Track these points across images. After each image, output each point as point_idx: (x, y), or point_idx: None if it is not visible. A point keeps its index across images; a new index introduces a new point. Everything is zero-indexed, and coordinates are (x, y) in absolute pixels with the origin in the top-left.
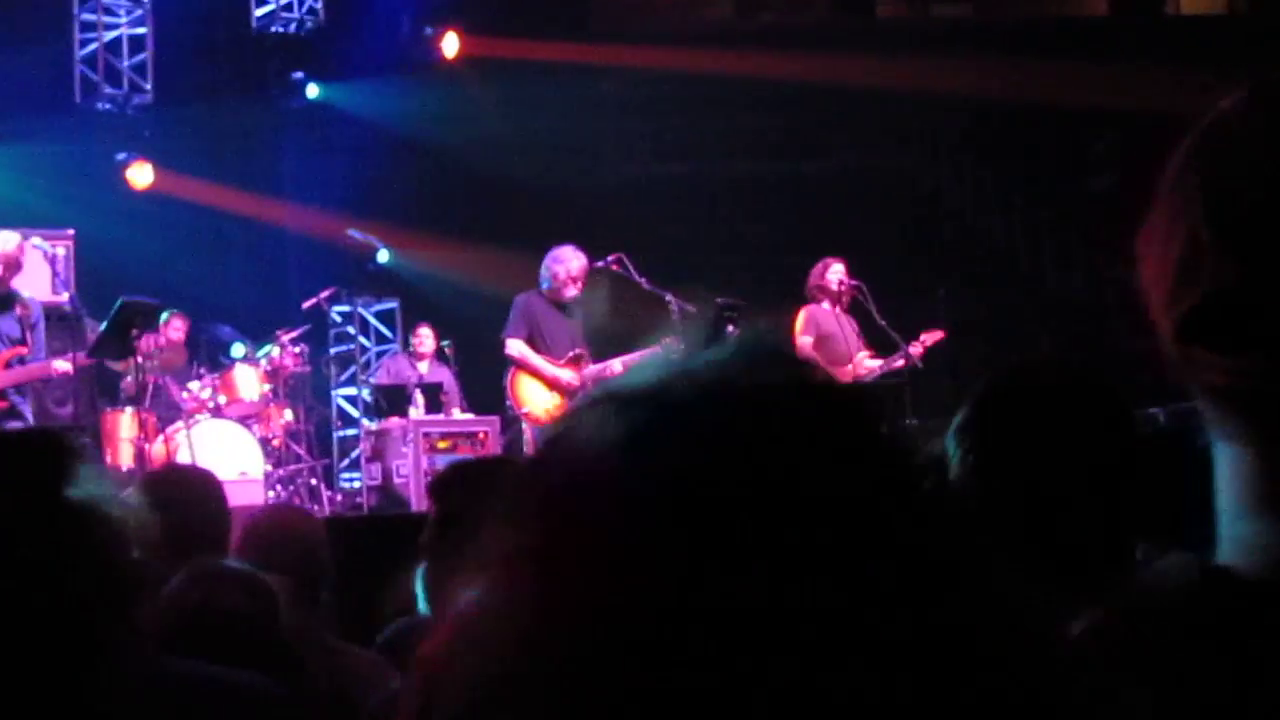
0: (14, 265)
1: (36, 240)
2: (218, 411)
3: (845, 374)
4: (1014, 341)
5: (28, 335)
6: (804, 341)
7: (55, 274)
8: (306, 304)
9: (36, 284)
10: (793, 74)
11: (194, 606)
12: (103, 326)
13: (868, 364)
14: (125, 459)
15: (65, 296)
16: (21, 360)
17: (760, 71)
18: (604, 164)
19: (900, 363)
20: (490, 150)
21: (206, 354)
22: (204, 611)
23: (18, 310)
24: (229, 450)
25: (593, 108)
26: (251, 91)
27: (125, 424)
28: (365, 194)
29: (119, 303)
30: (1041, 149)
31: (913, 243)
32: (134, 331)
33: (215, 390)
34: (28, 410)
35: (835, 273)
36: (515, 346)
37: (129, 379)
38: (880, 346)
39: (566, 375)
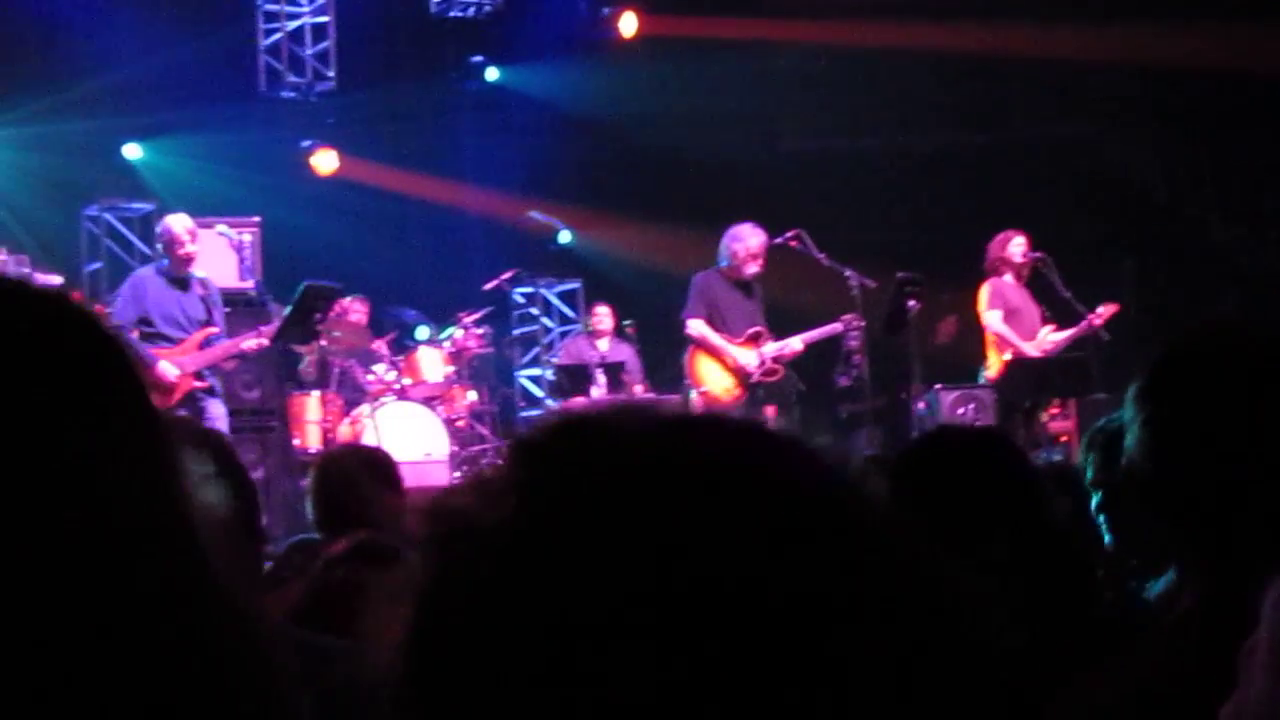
0: (186, 244)
1: (221, 228)
2: (402, 393)
3: (1033, 349)
4: (1203, 315)
5: (213, 314)
6: (992, 315)
7: (241, 260)
8: (488, 285)
9: (223, 271)
10: (970, 45)
11: (337, 583)
12: (286, 311)
13: (1052, 337)
14: (312, 441)
15: (251, 283)
16: (210, 340)
17: (936, 43)
18: (782, 139)
19: (1083, 334)
20: (668, 128)
21: (391, 337)
22: (347, 586)
23: (198, 290)
24: (414, 432)
25: (769, 83)
26: (431, 76)
27: (311, 407)
28: (544, 175)
29: (301, 287)
30: (1234, 117)
31: (1094, 214)
32: (316, 315)
33: (400, 372)
34: (220, 390)
35: (1017, 245)
36: (695, 327)
37: (312, 362)
38: (1060, 320)
39: (746, 355)
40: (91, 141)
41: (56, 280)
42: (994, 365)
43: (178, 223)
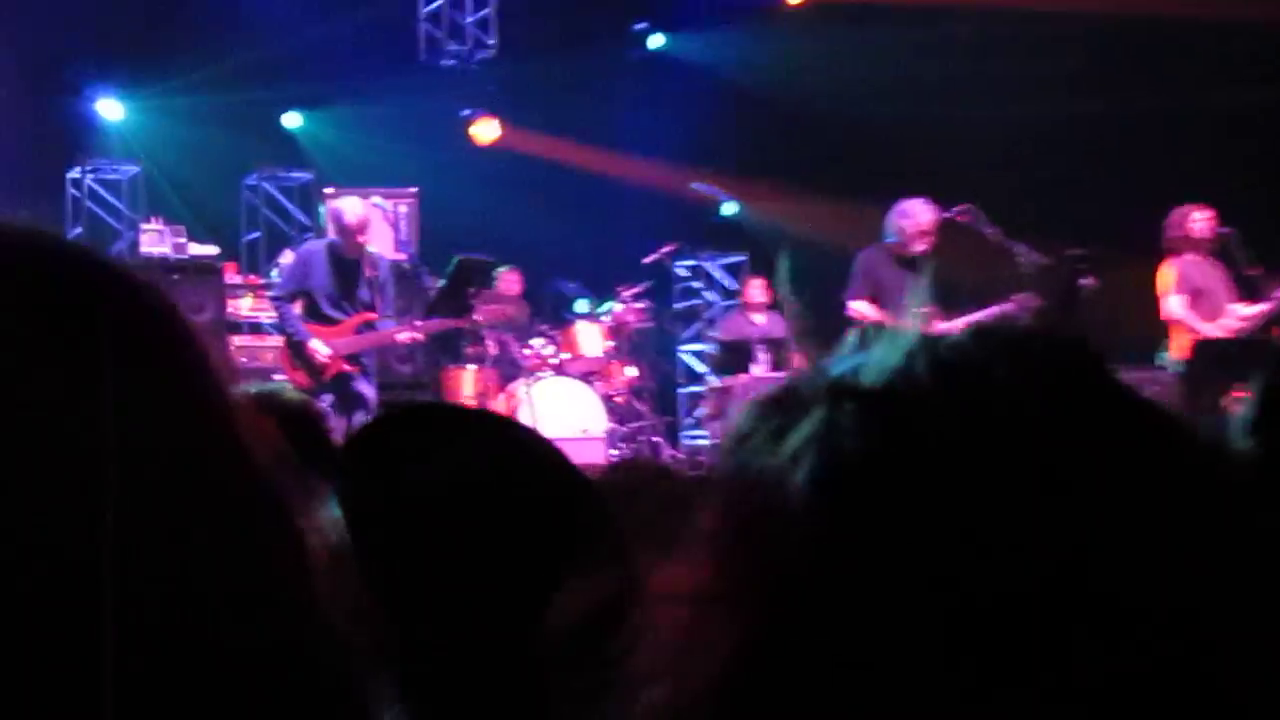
0: (359, 230)
1: (377, 199)
2: (559, 368)
3: (1216, 329)
4: None
5: (376, 299)
6: (1175, 301)
7: (397, 233)
8: (648, 259)
9: (378, 243)
10: (1155, 8)
11: None
12: (439, 284)
13: (1243, 313)
14: None
15: (405, 255)
16: (370, 325)
17: (1118, 8)
18: (953, 109)
19: (1274, 313)
20: (835, 97)
21: (549, 310)
22: None
23: (367, 272)
24: (571, 407)
25: (942, 50)
26: (593, 43)
27: (467, 382)
28: (708, 145)
29: (455, 260)
30: None
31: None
32: (470, 289)
33: (557, 347)
34: (373, 369)
35: (1200, 220)
36: (858, 309)
37: (468, 336)
38: (1249, 298)
39: None
40: (251, 111)
41: (213, 250)
42: (1179, 347)
43: (350, 209)
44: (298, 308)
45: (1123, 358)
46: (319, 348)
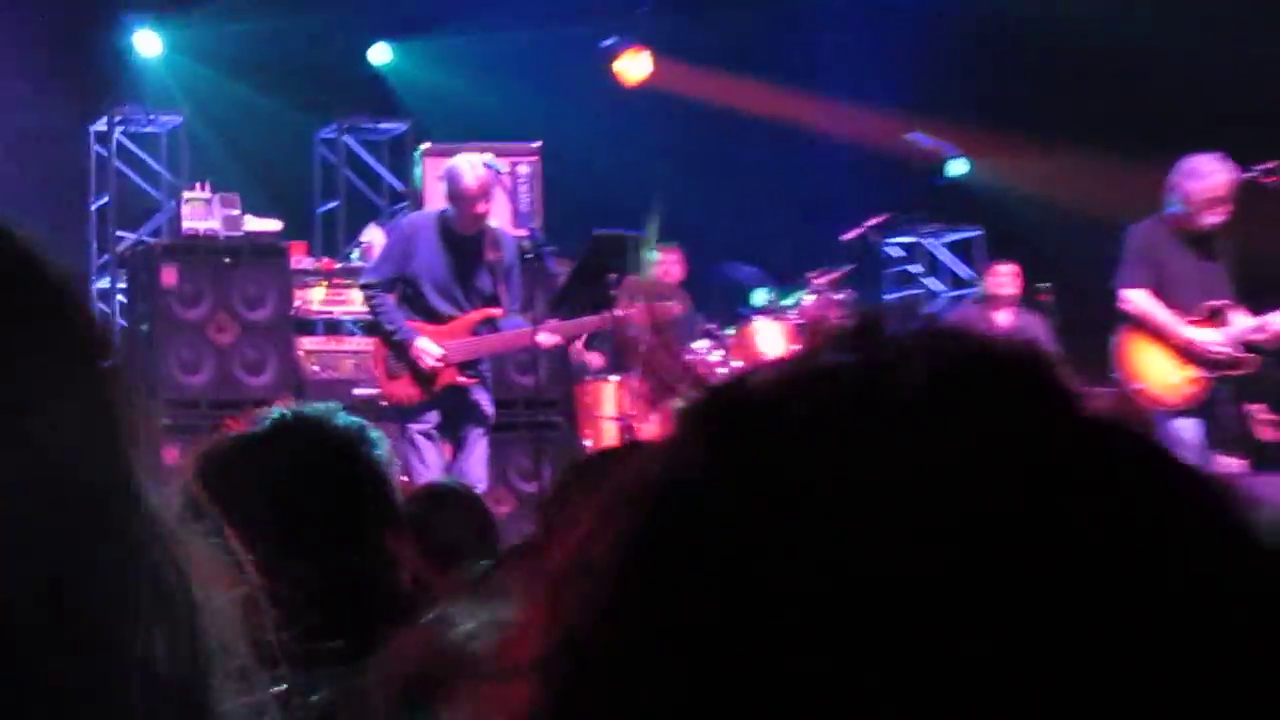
0: (480, 197)
1: (490, 159)
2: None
3: None
4: None
5: (500, 290)
6: None
7: (515, 201)
8: (849, 235)
9: (495, 216)
10: None
11: None
12: (570, 271)
13: None
14: (609, 441)
15: (526, 231)
16: (492, 324)
17: None
18: (1242, 41)
19: None
20: (1097, 25)
21: (717, 303)
22: None
23: (489, 255)
24: None
25: None
26: None
27: (607, 398)
28: (930, 85)
29: (591, 237)
30: None
31: None
32: (611, 275)
33: (728, 351)
34: (489, 382)
35: None
36: (1135, 300)
37: (607, 338)
38: None
39: (1204, 337)
40: (328, 43)
41: (274, 225)
42: None
43: (469, 170)
44: (394, 298)
45: None
46: (428, 349)
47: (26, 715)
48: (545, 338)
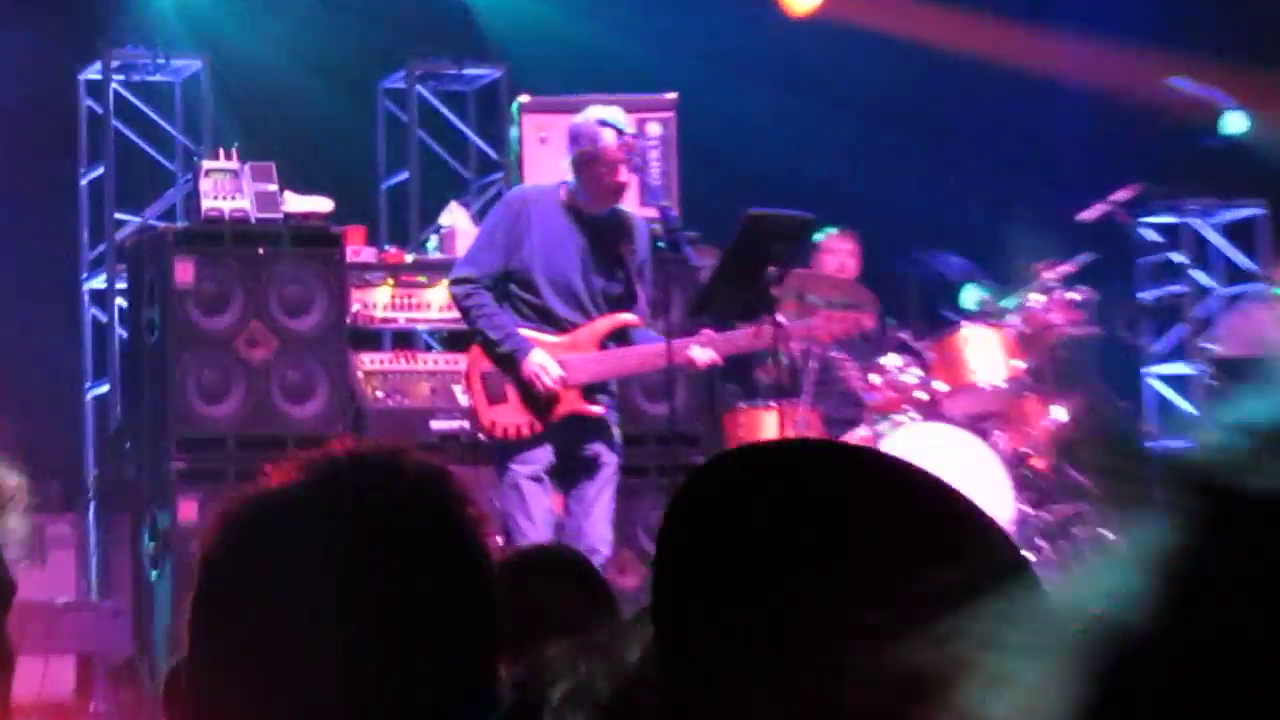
0: (619, 167)
1: (613, 113)
2: (931, 407)
3: None
4: None
5: (637, 289)
6: None
7: (644, 172)
8: (1089, 213)
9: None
10: None
11: None
12: (717, 263)
13: None
14: None
15: (656, 211)
16: (625, 335)
17: None
18: None
19: None
20: None
21: (913, 304)
22: None
23: (621, 248)
24: (952, 474)
25: None
26: None
27: (768, 429)
28: (1198, 15)
29: (744, 219)
30: None
31: None
32: (771, 269)
33: (927, 369)
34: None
35: None
36: None
37: (768, 352)
38: None
39: None
40: None
41: (323, 205)
42: None
43: (609, 122)
44: (492, 296)
45: None
46: (546, 364)
47: None
48: (700, 353)
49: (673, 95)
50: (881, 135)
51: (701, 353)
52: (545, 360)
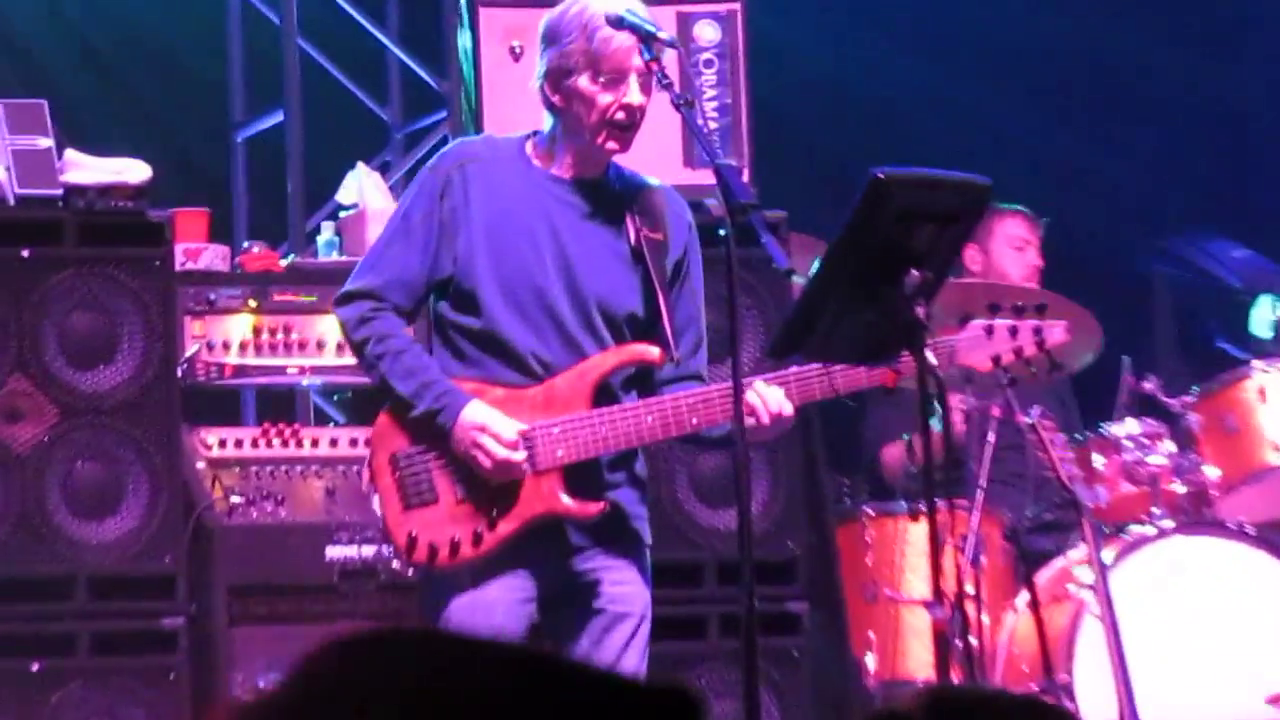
0: (621, 82)
1: (616, 3)
2: (1199, 509)
3: None
4: None
5: (663, 305)
6: None
7: (688, 109)
8: None
9: (656, 148)
10: None
11: None
12: (820, 262)
13: None
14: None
15: (716, 178)
16: (642, 382)
17: None
18: None
19: None
20: None
21: (1163, 334)
22: None
23: (634, 235)
24: (1239, 631)
25: None
26: None
27: (911, 550)
28: None
29: (868, 185)
30: None
31: None
32: (913, 272)
33: (1189, 443)
34: (639, 498)
35: None
36: None
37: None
38: None
39: None
40: None
41: (136, 172)
42: None
43: (615, 15)
44: (410, 332)
45: None
46: (490, 428)
47: None
48: (770, 398)
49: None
50: (1090, 55)
51: (776, 399)
52: (489, 419)
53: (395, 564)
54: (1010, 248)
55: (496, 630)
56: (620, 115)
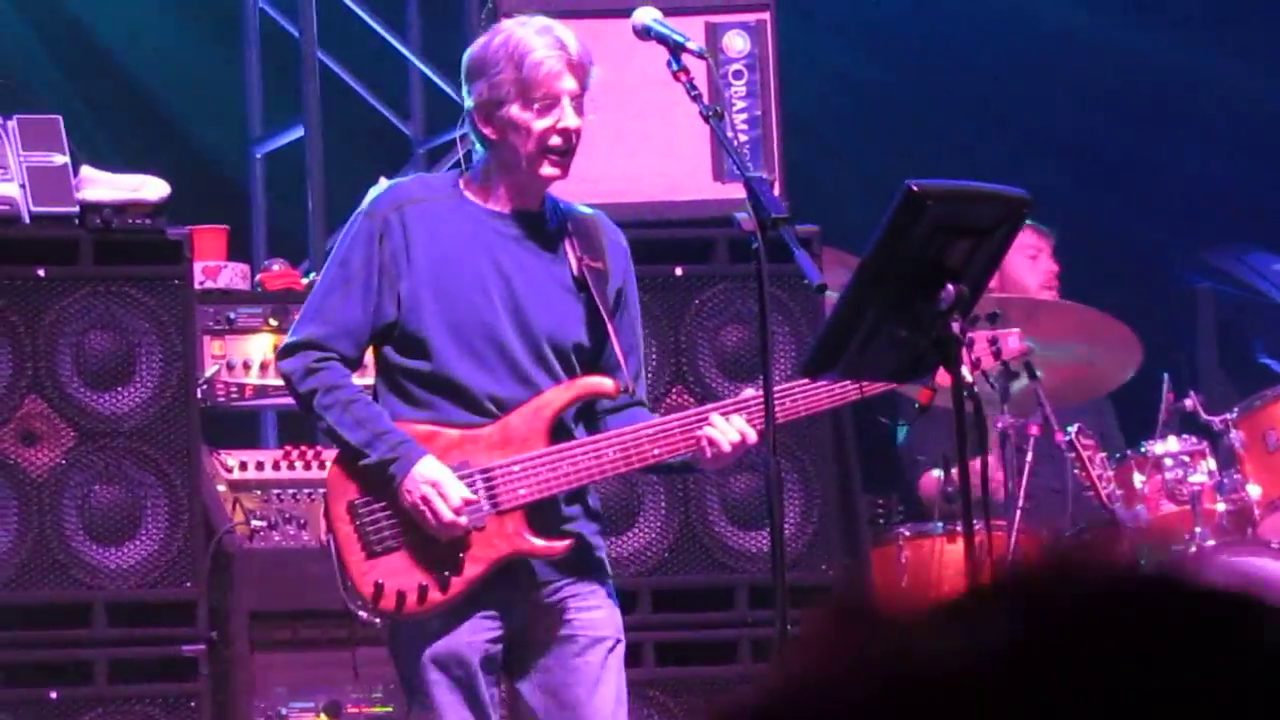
0: (544, 111)
1: (652, 14)
2: (1242, 528)
3: None
4: None
5: (612, 334)
6: None
7: (717, 121)
8: None
9: (679, 161)
10: None
11: None
12: (851, 281)
13: None
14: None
15: (746, 189)
16: (595, 416)
17: None
18: None
19: None
20: None
21: (1204, 348)
22: None
23: (578, 264)
24: None
25: None
26: None
27: (946, 572)
28: None
29: (902, 196)
30: None
31: None
32: (949, 287)
33: (1231, 462)
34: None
35: None
36: None
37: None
38: None
39: None
40: None
41: (153, 190)
42: None
43: (548, 30)
44: (361, 379)
45: None
46: (437, 484)
47: None
48: (728, 430)
49: (765, 6)
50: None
51: (723, 429)
52: (442, 477)
53: (363, 614)
54: (1024, 256)
55: (472, 676)
56: (557, 140)
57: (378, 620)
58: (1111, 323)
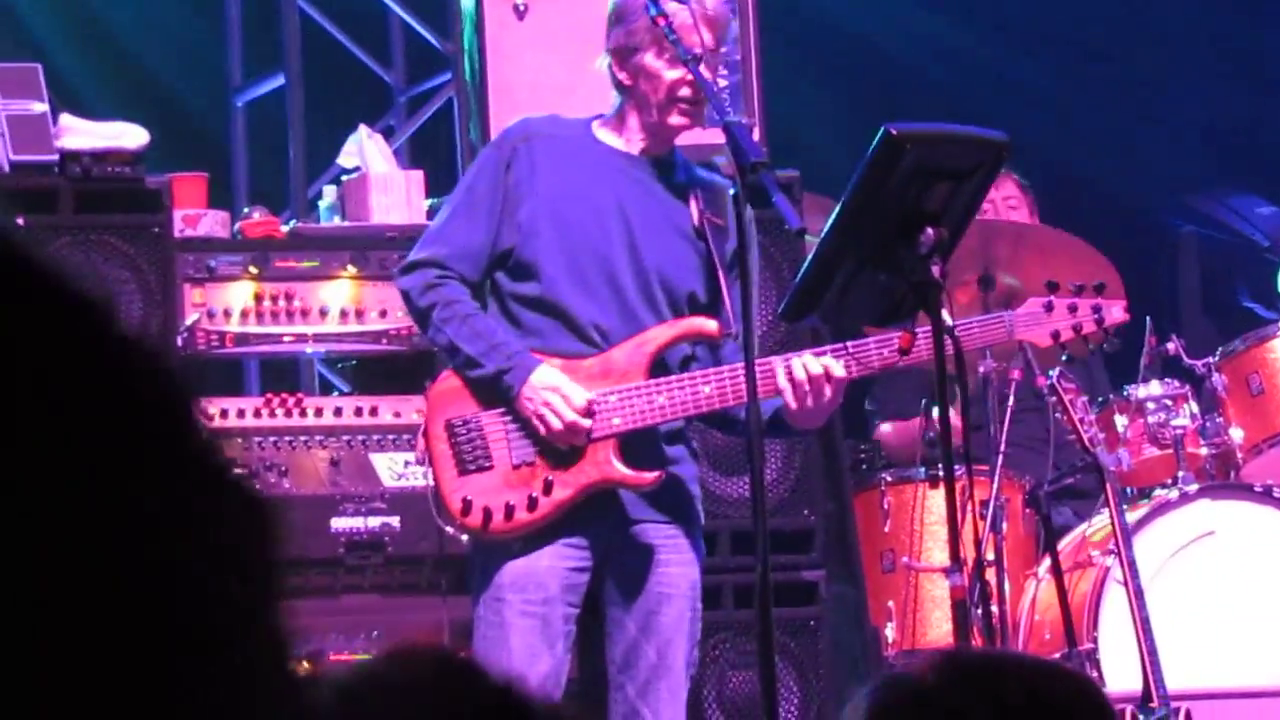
0: (702, 59)
1: None
2: (1225, 473)
3: None
4: None
5: (723, 281)
6: None
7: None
8: None
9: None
10: None
11: None
12: (829, 226)
13: None
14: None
15: (724, 133)
16: (712, 351)
17: None
18: None
19: None
20: None
21: (1187, 293)
22: None
23: (694, 208)
24: (1266, 598)
25: None
26: None
27: (930, 516)
28: None
29: (881, 141)
30: None
31: None
32: (929, 230)
33: (1214, 407)
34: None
35: None
36: None
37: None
38: None
39: None
40: None
41: (133, 138)
42: None
43: None
44: (469, 300)
45: None
46: (560, 391)
47: None
48: (810, 365)
49: None
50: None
51: (811, 364)
52: (561, 382)
53: (449, 531)
54: (1006, 206)
55: (548, 601)
56: (686, 91)
57: (464, 537)
58: (1095, 255)
